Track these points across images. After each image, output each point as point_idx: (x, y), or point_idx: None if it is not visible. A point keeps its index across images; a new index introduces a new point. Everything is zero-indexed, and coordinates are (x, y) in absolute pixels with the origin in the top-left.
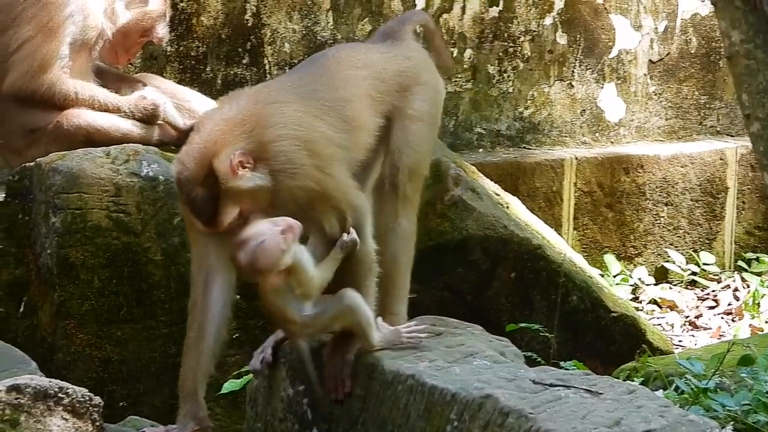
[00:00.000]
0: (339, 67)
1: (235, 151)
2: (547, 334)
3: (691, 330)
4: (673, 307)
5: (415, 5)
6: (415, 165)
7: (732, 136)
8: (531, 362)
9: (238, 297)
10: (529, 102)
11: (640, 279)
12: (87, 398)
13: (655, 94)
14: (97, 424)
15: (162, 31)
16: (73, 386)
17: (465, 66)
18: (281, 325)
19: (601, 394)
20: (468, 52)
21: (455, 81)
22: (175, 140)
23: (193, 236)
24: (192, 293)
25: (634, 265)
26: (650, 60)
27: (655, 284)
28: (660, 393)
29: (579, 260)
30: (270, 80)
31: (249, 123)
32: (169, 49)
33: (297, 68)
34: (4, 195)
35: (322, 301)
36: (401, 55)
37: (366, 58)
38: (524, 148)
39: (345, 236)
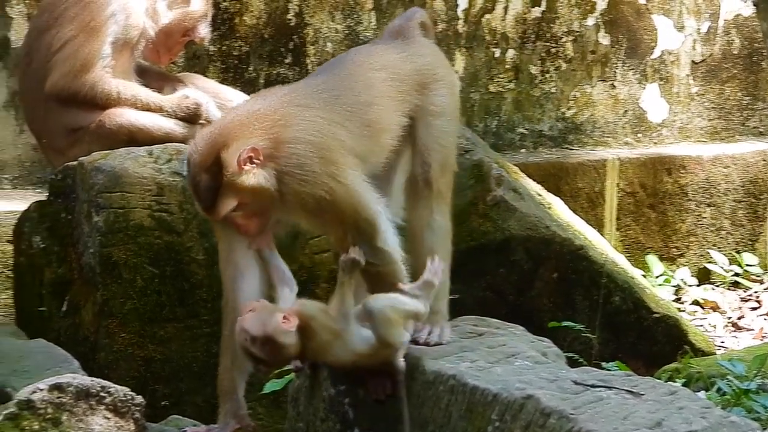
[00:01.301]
0: (359, 70)
1: (246, 146)
2: (589, 335)
3: (734, 331)
4: (715, 308)
5: (457, 5)
6: (444, 160)
7: None
8: (573, 363)
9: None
10: (571, 102)
11: (682, 280)
12: (129, 397)
13: (698, 95)
14: (139, 423)
15: (204, 31)
16: (115, 385)
17: (507, 66)
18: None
19: (642, 395)
20: (510, 53)
21: (497, 81)
22: None
23: (218, 232)
24: (224, 291)
25: (677, 265)
26: (693, 61)
27: (697, 285)
28: (702, 394)
29: (621, 261)
30: (299, 82)
31: (269, 121)
32: (211, 48)
33: (320, 71)
34: (47, 194)
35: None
36: (416, 53)
37: (383, 60)
38: (567, 148)
39: (344, 256)
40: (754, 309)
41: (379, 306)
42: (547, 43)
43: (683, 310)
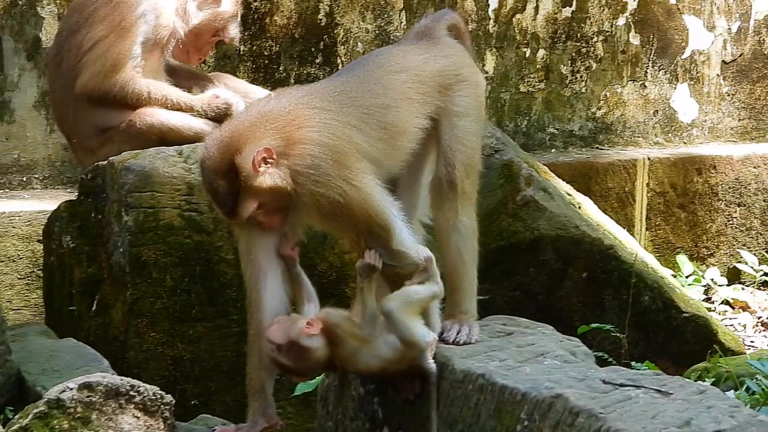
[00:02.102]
0: (379, 72)
1: (259, 147)
2: (618, 335)
3: (764, 331)
4: (745, 307)
5: (488, 5)
6: (469, 160)
7: None
8: (602, 362)
9: None
10: (601, 102)
11: (712, 279)
12: (158, 396)
13: (728, 95)
14: (169, 422)
15: (234, 31)
16: (145, 384)
17: (538, 66)
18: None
19: (671, 394)
20: (541, 53)
21: (528, 81)
22: None
23: (237, 232)
24: (246, 291)
25: (707, 265)
26: (723, 61)
27: (727, 285)
28: (731, 393)
29: (651, 260)
30: (316, 83)
31: (282, 121)
32: (242, 48)
33: (341, 73)
34: (77, 193)
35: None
36: (439, 54)
37: (404, 62)
38: (597, 148)
39: (360, 261)
40: None
41: (392, 306)
42: (578, 43)
43: (713, 310)
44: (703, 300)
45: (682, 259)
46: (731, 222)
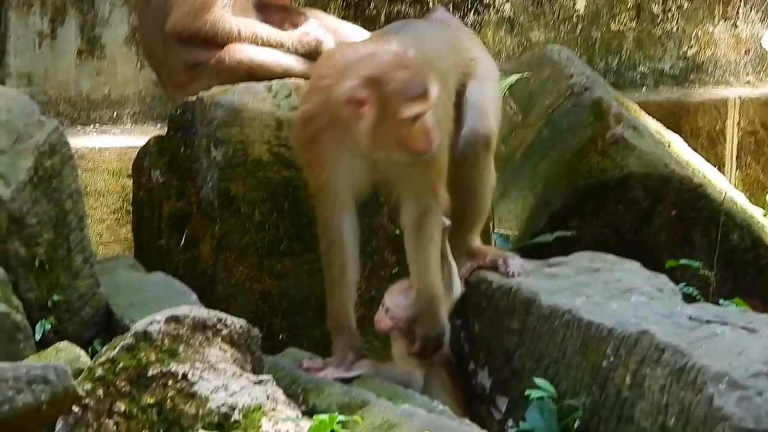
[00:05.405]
0: (431, 41)
1: (354, 84)
2: (706, 272)
3: None
4: None
5: None
6: (496, 120)
7: None
8: (689, 299)
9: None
10: (693, 41)
11: None
12: (246, 330)
13: None
14: (256, 355)
15: None
16: (232, 317)
17: (629, 5)
18: None
19: (757, 331)
20: None
21: (619, 20)
22: None
23: (314, 176)
24: (327, 233)
25: None
26: None
27: None
28: None
29: (740, 199)
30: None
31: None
32: None
33: (396, 34)
34: (166, 129)
35: None
36: (462, 36)
37: (444, 35)
38: (688, 87)
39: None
40: None
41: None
42: None
43: None
44: None
45: None
46: None
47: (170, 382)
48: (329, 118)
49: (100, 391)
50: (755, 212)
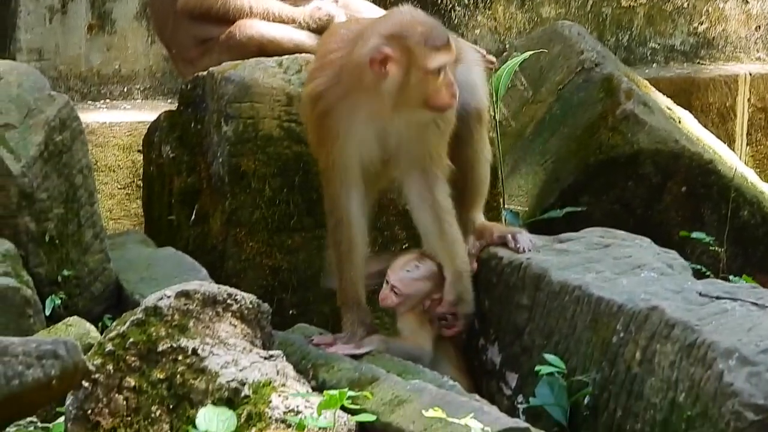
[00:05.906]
0: None
1: (378, 43)
2: (716, 248)
3: None
4: None
5: None
6: (486, 96)
7: None
8: (699, 275)
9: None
10: (703, 17)
11: None
12: (256, 305)
13: None
14: (266, 330)
15: None
16: (242, 293)
17: None
18: None
19: (767, 307)
20: None
21: None
22: None
23: (324, 152)
24: (335, 211)
25: None
26: None
27: None
28: None
29: (751, 175)
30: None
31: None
32: None
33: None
34: (177, 104)
35: None
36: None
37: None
38: (698, 63)
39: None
40: None
41: None
42: None
43: None
44: None
45: None
46: None
47: (180, 358)
48: (345, 90)
49: (110, 366)
50: (765, 188)
